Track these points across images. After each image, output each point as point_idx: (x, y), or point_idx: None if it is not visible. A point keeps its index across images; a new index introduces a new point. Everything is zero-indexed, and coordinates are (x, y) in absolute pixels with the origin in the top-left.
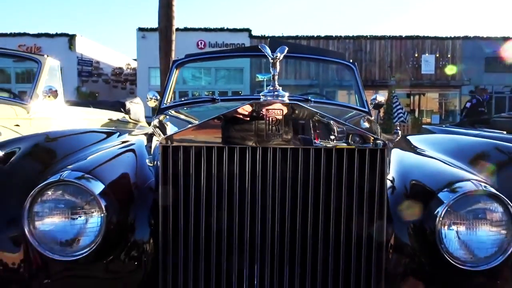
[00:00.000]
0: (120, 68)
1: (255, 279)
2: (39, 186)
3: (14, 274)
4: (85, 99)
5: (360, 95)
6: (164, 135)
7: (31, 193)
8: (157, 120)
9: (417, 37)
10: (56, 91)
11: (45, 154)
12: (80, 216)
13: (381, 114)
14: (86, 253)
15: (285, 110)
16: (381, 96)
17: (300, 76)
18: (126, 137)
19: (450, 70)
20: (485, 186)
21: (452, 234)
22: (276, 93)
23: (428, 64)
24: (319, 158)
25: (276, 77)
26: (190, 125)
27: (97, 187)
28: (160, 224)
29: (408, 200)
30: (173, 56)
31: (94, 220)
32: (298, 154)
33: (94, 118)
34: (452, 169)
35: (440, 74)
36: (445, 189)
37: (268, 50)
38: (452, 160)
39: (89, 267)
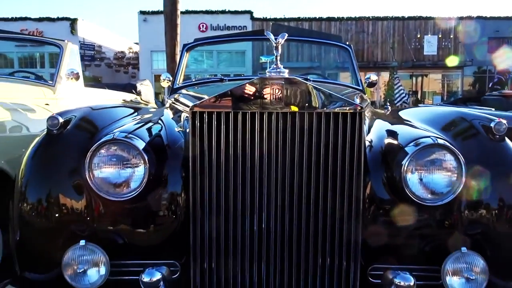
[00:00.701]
0: (122, 52)
1: (263, 213)
2: (97, 143)
3: (77, 215)
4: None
5: (355, 74)
6: (185, 107)
7: (91, 149)
8: (172, 98)
9: (420, 18)
10: (77, 73)
11: (93, 122)
12: (128, 167)
13: (382, 95)
14: (133, 195)
15: (285, 83)
16: (374, 76)
17: (302, 59)
18: (151, 110)
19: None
20: (439, 140)
21: (415, 178)
22: (278, 69)
23: (430, 45)
24: (312, 120)
25: (279, 58)
26: (211, 96)
27: (141, 144)
28: (190, 176)
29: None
30: (179, 40)
31: (139, 170)
32: (295, 117)
33: (110, 99)
34: (419, 131)
35: (442, 55)
36: (410, 144)
37: (271, 36)
38: (425, 126)
39: (135, 206)
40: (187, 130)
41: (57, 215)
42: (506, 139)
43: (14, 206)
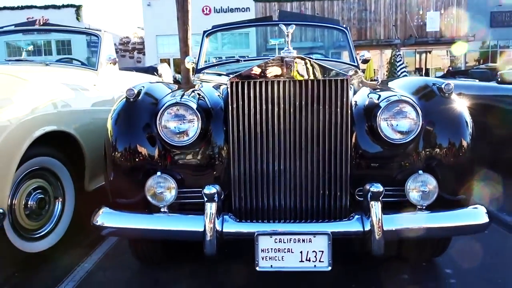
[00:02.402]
0: (127, 37)
1: (281, 156)
2: (165, 105)
3: (152, 157)
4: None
5: (351, 53)
6: (220, 80)
7: (161, 109)
8: (197, 77)
9: None
10: (114, 59)
11: (154, 92)
12: (186, 122)
13: (386, 73)
14: (190, 142)
15: (295, 60)
16: (368, 54)
17: (306, 39)
18: (187, 86)
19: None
20: (403, 97)
21: (386, 125)
22: (289, 51)
23: (433, 21)
24: (313, 86)
25: (290, 42)
26: (242, 71)
27: (194, 106)
28: (229, 129)
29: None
30: (190, 25)
31: (194, 124)
32: (302, 84)
33: (140, 80)
34: (391, 92)
35: (445, 31)
36: (383, 101)
37: (283, 27)
38: (400, 90)
39: (191, 150)
40: (225, 96)
41: (137, 159)
42: (453, 96)
43: (107, 155)
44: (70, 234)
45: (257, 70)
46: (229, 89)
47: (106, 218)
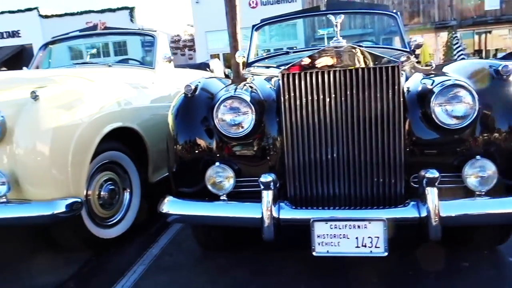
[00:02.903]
0: (178, 35)
1: (334, 146)
2: (220, 99)
3: (210, 148)
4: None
5: (403, 38)
6: (271, 72)
7: (217, 103)
8: (248, 70)
9: None
10: (169, 57)
11: (209, 87)
12: (241, 114)
13: (442, 57)
14: (245, 133)
15: (344, 50)
16: (421, 38)
17: (355, 26)
18: (241, 80)
19: None
20: (457, 81)
21: (441, 110)
22: (338, 40)
23: None
24: (363, 74)
25: (338, 32)
26: (292, 62)
27: (248, 98)
28: (283, 120)
29: None
30: (238, 19)
31: (248, 116)
32: (352, 72)
33: (195, 76)
34: (445, 77)
35: (506, 9)
36: (437, 85)
37: (332, 17)
38: (455, 74)
39: (246, 141)
40: (277, 87)
41: (197, 151)
42: (511, 78)
43: (169, 148)
44: (138, 222)
45: (307, 61)
46: (280, 81)
47: (171, 206)
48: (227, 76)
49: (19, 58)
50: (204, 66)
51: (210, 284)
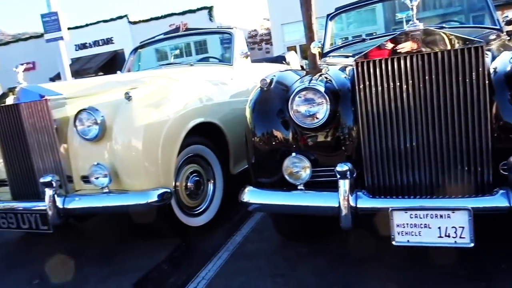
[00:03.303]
0: (255, 30)
1: (413, 134)
2: (295, 91)
3: (287, 139)
4: None
5: (491, 15)
6: (346, 62)
7: (292, 95)
8: (324, 61)
9: None
10: (247, 52)
11: (284, 80)
12: (316, 104)
13: None
14: (320, 123)
15: (422, 33)
16: None
17: (441, 6)
18: (314, 71)
19: None
20: None
21: None
22: (415, 24)
23: None
24: (443, 57)
25: (415, 15)
26: (367, 50)
27: (322, 89)
28: (358, 109)
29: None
30: (314, 10)
31: (323, 106)
32: (431, 56)
33: (271, 70)
34: None
35: None
36: None
37: (407, 1)
38: None
39: (322, 131)
40: (352, 77)
41: (274, 142)
42: None
43: (247, 140)
44: (222, 212)
45: (381, 48)
46: (355, 70)
47: (251, 195)
48: (303, 68)
49: (113, 63)
50: (280, 59)
51: (290, 271)
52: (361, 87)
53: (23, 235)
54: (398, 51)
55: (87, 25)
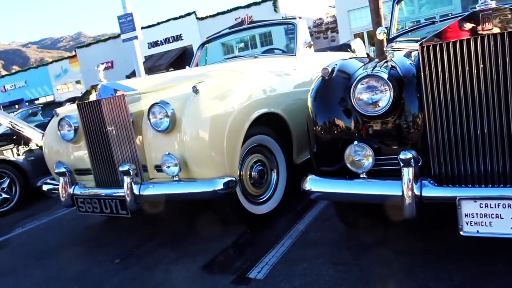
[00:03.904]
0: (320, 19)
1: (484, 120)
2: (357, 78)
3: (348, 128)
4: None
5: None
6: (411, 47)
7: (354, 83)
8: (390, 46)
9: None
10: (310, 42)
11: (346, 68)
12: (379, 92)
13: None
14: (383, 111)
15: (493, 12)
16: None
17: None
18: (379, 58)
19: None
20: None
21: None
22: (486, 2)
23: None
24: None
25: None
26: (432, 34)
27: (385, 76)
28: (424, 96)
29: None
30: None
31: (386, 94)
32: (504, 36)
33: (335, 59)
34: None
35: None
36: None
37: None
38: None
39: (385, 119)
40: (417, 62)
41: (335, 131)
42: None
43: (309, 129)
44: (285, 201)
45: (449, 30)
46: (420, 55)
47: (313, 184)
48: (369, 56)
49: (183, 59)
50: (345, 47)
51: (353, 260)
52: (426, 72)
53: (105, 219)
54: (467, 32)
55: (158, 23)
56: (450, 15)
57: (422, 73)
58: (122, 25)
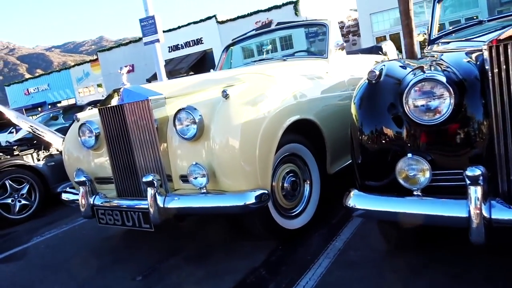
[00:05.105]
0: (341, 22)
1: None
2: (412, 82)
3: (399, 138)
4: None
5: None
6: (457, 51)
7: (407, 87)
8: (431, 48)
9: None
10: (342, 44)
11: (394, 71)
12: (437, 98)
13: None
14: (442, 119)
15: None
16: None
17: None
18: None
19: None
20: None
21: None
22: None
23: None
24: None
25: None
26: (495, 32)
27: (443, 79)
28: (491, 102)
29: None
30: None
31: (446, 100)
32: None
33: (368, 61)
34: None
35: None
36: None
37: None
38: None
39: (444, 129)
40: (480, 64)
41: (384, 141)
42: None
43: (353, 139)
44: (319, 214)
45: None
46: (486, 55)
47: (358, 200)
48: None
49: (203, 62)
50: (376, 50)
51: (401, 285)
52: (495, 74)
53: (125, 231)
54: None
55: (179, 27)
56: (475, 17)
57: (490, 76)
58: (144, 28)
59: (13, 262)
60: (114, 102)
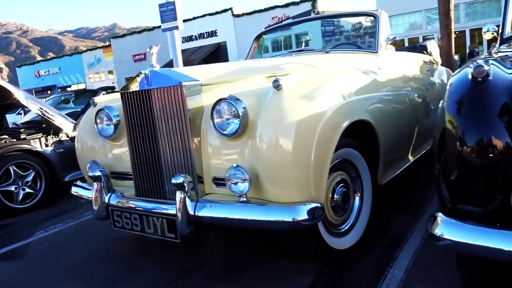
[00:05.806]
0: (359, 23)
1: None
2: None
3: (510, 155)
4: None
5: None
6: None
7: None
8: (504, 47)
9: None
10: (394, 38)
11: (505, 67)
12: None
13: None
14: None
15: None
16: None
17: None
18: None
19: None
20: None
21: None
22: None
23: None
24: None
25: None
26: None
27: None
28: None
29: None
30: None
31: None
32: None
33: (415, 59)
34: None
35: None
36: None
37: None
38: None
39: None
40: None
41: (492, 154)
42: None
43: (449, 150)
44: (368, 232)
45: None
46: None
47: (448, 229)
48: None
49: (215, 55)
50: (420, 49)
51: None
52: None
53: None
54: None
55: (194, 18)
56: None
57: None
58: (163, 13)
59: (11, 261)
60: (135, 87)
